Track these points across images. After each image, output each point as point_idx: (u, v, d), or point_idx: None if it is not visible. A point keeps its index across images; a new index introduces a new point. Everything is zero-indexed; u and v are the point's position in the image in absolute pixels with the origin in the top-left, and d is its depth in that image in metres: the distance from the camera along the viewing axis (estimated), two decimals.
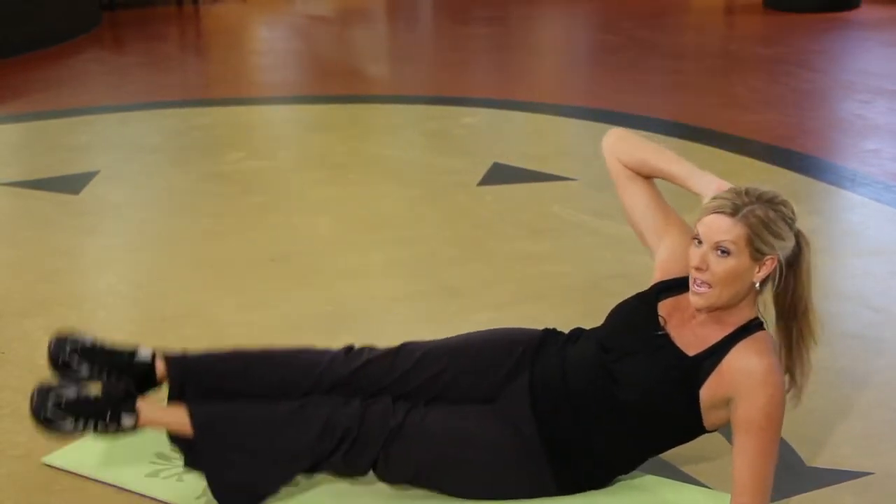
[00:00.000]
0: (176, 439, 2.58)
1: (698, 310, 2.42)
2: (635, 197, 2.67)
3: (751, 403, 2.32)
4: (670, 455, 2.67)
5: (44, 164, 5.40)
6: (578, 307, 3.64)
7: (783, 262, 2.37)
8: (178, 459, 2.72)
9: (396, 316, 3.69)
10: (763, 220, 2.33)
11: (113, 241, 4.50)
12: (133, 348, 2.66)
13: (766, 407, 2.31)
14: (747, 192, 2.36)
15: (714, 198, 2.39)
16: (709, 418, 2.43)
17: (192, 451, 2.55)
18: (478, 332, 2.72)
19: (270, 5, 10.71)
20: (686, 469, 2.72)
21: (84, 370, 2.59)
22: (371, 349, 2.66)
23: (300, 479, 2.65)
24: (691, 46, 8.72)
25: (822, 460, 2.79)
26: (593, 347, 2.54)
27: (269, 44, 9.30)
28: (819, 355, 3.32)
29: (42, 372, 3.26)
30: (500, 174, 5.17)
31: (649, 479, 2.66)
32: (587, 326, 2.66)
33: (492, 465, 2.51)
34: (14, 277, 4.06)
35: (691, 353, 2.42)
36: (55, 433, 2.52)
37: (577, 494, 2.56)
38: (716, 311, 2.41)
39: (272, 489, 2.55)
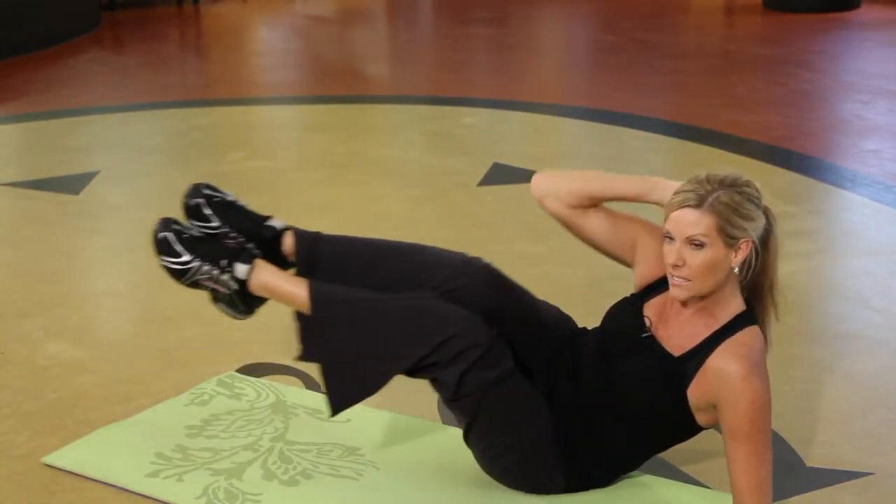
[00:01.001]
0: (297, 318, 2.47)
1: (681, 302, 2.40)
2: (595, 229, 2.58)
3: (733, 411, 2.30)
4: (670, 455, 2.67)
5: (44, 165, 5.41)
6: (578, 307, 3.63)
7: (757, 242, 2.35)
8: (178, 459, 2.73)
9: None
10: (730, 205, 2.29)
11: (113, 241, 4.50)
12: (268, 215, 2.61)
13: (748, 413, 2.28)
14: (708, 180, 2.32)
15: (677, 192, 2.35)
16: (701, 418, 2.42)
17: (307, 331, 2.46)
18: (531, 293, 2.66)
19: (270, 5, 10.71)
20: (686, 469, 2.72)
21: (214, 221, 2.53)
22: (490, 266, 2.60)
23: (301, 480, 2.65)
24: (691, 47, 8.72)
25: (822, 460, 2.79)
26: (593, 349, 2.54)
27: (269, 44, 9.30)
28: (819, 355, 3.33)
29: (42, 373, 3.27)
30: (500, 174, 5.17)
31: (649, 479, 2.66)
32: (587, 326, 2.66)
33: (525, 447, 2.50)
34: (14, 278, 4.06)
35: (677, 353, 2.40)
36: (170, 265, 2.46)
37: (579, 493, 2.56)
38: (701, 302, 2.39)
39: (382, 380, 2.45)
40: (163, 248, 2.48)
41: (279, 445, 2.82)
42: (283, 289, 2.50)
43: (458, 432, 2.86)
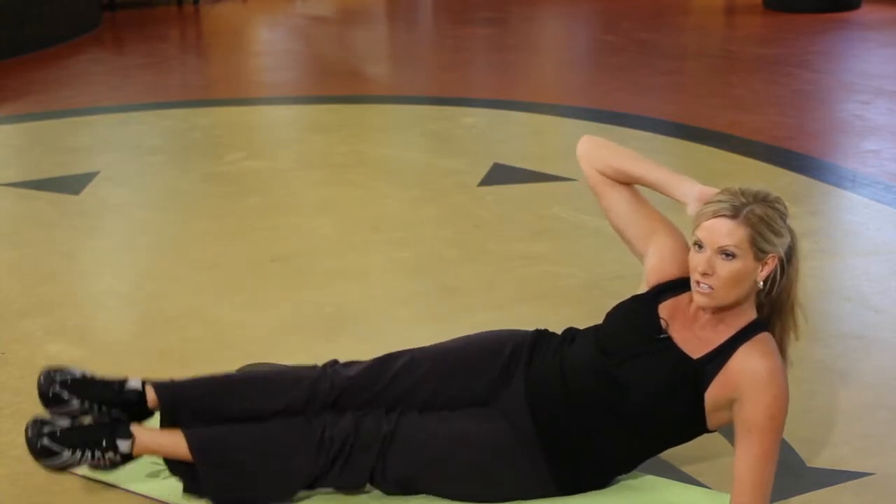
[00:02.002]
0: (174, 465, 2.56)
1: (703, 309, 2.41)
2: (619, 204, 2.62)
3: (755, 404, 2.32)
4: (670, 455, 2.67)
5: (44, 165, 5.41)
6: (578, 307, 3.64)
7: (784, 258, 2.38)
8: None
9: (396, 316, 3.69)
10: (763, 219, 2.33)
11: (113, 241, 4.50)
12: (122, 378, 2.64)
13: (769, 408, 2.32)
14: (743, 193, 2.35)
15: (711, 201, 2.37)
16: (712, 419, 2.43)
17: (191, 476, 2.53)
18: (467, 335, 2.71)
19: (270, 5, 10.71)
20: (686, 469, 2.72)
21: (75, 403, 2.56)
22: (356, 362, 2.66)
23: (300, 493, 2.64)
24: (691, 47, 8.72)
25: (822, 460, 2.79)
26: (591, 350, 2.53)
27: (269, 44, 9.30)
28: (819, 355, 3.33)
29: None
30: (500, 174, 5.17)
31: (649, 479, 2.66)
32: (587, 326, 2.65)
33: (488, 466, 2.51)
34: (14, 278, 4.06)
35: (695, 355, 2.41)
36: (54, 465, 2.50)
37: (577, 495, 2.56)
38: (718, 312, 2.41)
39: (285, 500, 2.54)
40: (43, 453, 2.51)
41: None
42: (166, 448, 2.55)
43: None
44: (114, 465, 2.54)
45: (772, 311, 2.46)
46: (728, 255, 2.33)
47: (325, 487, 2.55)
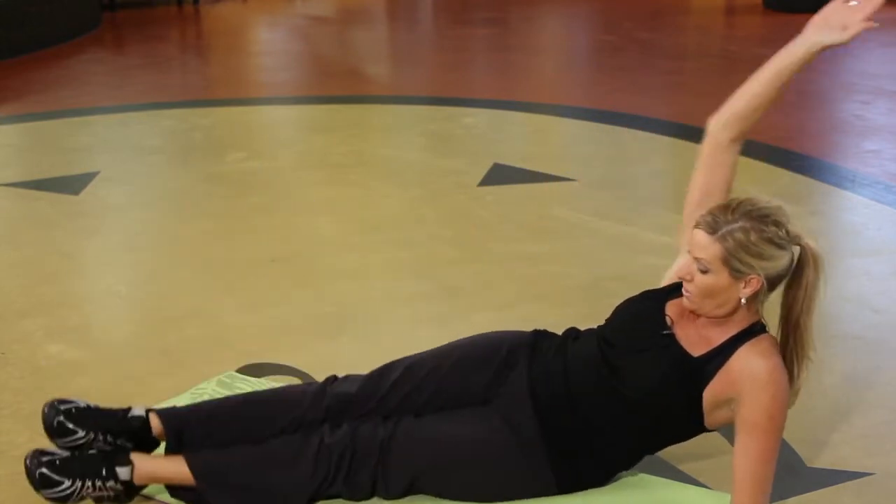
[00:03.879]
0: (177, 492, 2.56)
1: (690, 311, 2.43)
2: (717, 170, 2.65)
3: (754, 404, 2.32)
4: (670, 455, 2.67)
5: (44, 165, 5.41)
6: (578, 307, 3.64)
7: (766, 281, 2.34)
8: None
9: (397, 316, 3.69)
10: (741, 242, 2.30)
11: (113, 241, 4.50)
12: (126, 408, 2.64)
13: (769, 408, 2.32)
14: (735, 209, 2.34)
15: (705, 213, 2.38)
16: (710, 418, 2.43)
17: (196, 500, 2.54)
18: (465, 338, 2.71)
19: (270, 5, 10.72)
20: (685, 469, 2.73)
21: (80, 433, 2.56)
22: (354, 376, 2.66)
23: None
24: (691, 47, 8.73)
25: (822, 460, 2.79)
26: (595, 344, 2.54)
27: (269, 44, 9.30)
28: (819, 356, 3.31)
29: (43, 373, 3.27)
30: (500, 175, 5.17)
31: (648, 479, 2.66)
32: (587, 326, 2.66)
33: (488, 465, 2.51)
34: (14, 278, 4.06)
35: (696, 353, 2.42)
36: (55, 495, 2.49)
37: (577, 494, 2.56)
38: (719, 316, 2.41)
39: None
40: (43, 482, 2.49)
41: None
42: (166, 473, 2.55)
43: None
44: (117, 496, 2.52)
45: (784, 328, 2.44)
46: (702, 269, 2.35)
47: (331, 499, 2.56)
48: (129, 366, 3.32)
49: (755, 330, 2.41)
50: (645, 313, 2.52)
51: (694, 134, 5.82)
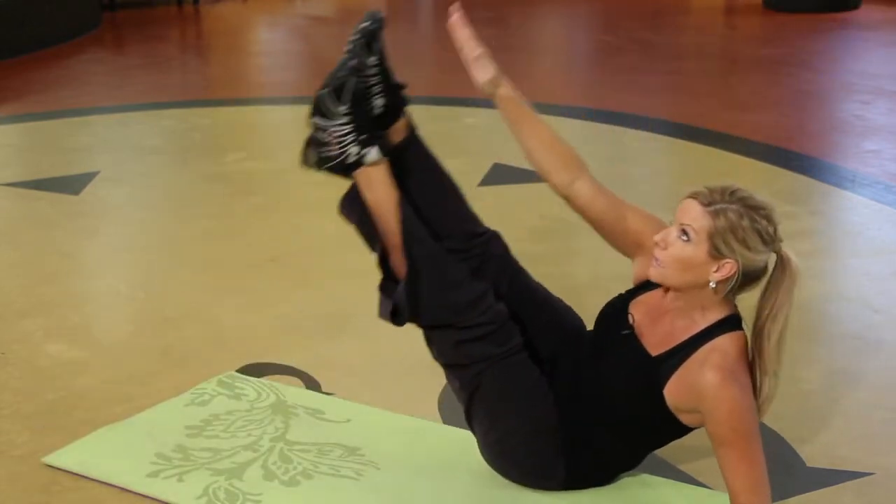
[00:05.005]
0: (352, 203, 2.59)
1: (664, 291, 2.40)
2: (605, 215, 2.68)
3: (713, 420, 2.29)
4: (669, 454, 2.67)
5: (44, 165, 5.41)
6: (579, 308, 3.63)
7: (741, 271, 2.31)
8: (178, 460, 2.73)
9: None
10: (731, 222, 2.28)
11: (113, 241, 4.50)
12: (403, 84, 2.65)
13: (728, 421, 2.27)
14: (731, 192, 2.32)
15: (704, 187, 2.35)
16: (685, 419, 2.40)
17: (358, 222, 2.59)
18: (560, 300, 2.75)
19: (270, 5, 10.71)
20: (685, 468, 2.72)
21: (374, 56, 2.53)
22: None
23: (301, 480, 2.65)
24: (691, 47, 8.72)
25: (822, 460, 2.79)
26: (589, 348, 2.55)
27: (269, 44, 9.30)
28: (819, 355, 3.33)
29: (43, 373, 3.27)
30: (500, 175, 5.17)
31: (648, 478, 2.66)
32: (588, 328, 2.67)
33: (527, 433, 2.51)
34: (14, 278, 4.06)
35: (655, 352, 2.40)
36: (321, 109, 2.48)
37: (577, 492, 2.56)
38: (681, 303, 2.37)
39: (425, 321, 2.53)
40: (336, 86, 2.48)
41: (279, 445, 2.82)
42: (379, 195, 2.54)
43: (459, 432, 2.87)
44: (337, 155, 2.51)
45: (752, 342, 2.37)
46: (685, 235, 2.32)
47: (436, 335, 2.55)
48: (129, 366, 3.32)
49: (719, 327, 2.36)
50: (611, 314, 2.53)
51: (694, 134, 5.83)
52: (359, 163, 2.52)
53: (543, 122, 2.65)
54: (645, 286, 2.51)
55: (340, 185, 2.69)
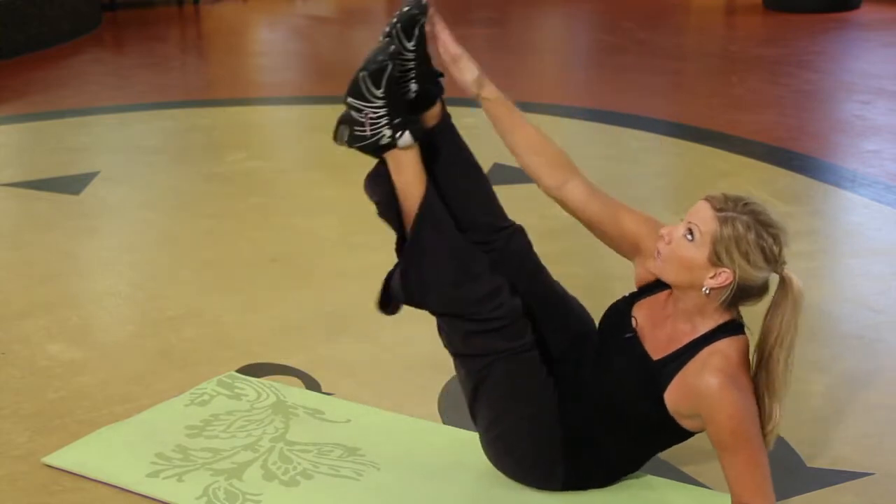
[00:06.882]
0: (378, 180, 2.62)
1: (656, 274, 2.40)
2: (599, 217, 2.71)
3: (714, 425, 2.29)
4: (670, 455, 2.67)
5: (44, 165, 5.41)
6: None
7: (737, 282, 2.29)
8: (178, 460, 2.73)
9: (397, 316, 3.68)
10: (737, 232, 2.27)
11: (113, 241, 4.50)
12: (441, 72, 2.69)
13: (728, 426, 2.27)
14: (745, 204, 2.30)
15: (720, 192, 2.34)
16: (686, 423, 2.40)
17: (382, 204, 2.62)
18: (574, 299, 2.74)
19: (270, 5, 10.72)
20: (686, 469, 2.72)
21: (412, 42, 2.57)
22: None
23: (301, 480, 2.65)
24: (691, 47, 8.73)
25: (822, 460, 2.79)
26: (594, 349, 2.55)
27: (269, 44, 9.30)
28: (819, 356, 3.33)
29: (43, 373, 3.27)
30: (500, 175, 5.15)
31: (649, 479, 2.66)
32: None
33: (531, 430, 2.51)
34: (14, 278, 4.06)
35: (656, 356, 2.39)
36: (358, 90, 2.50)
37: (577, 492, 2.56)
38: (682, 305, 2.37)
39: (433, 307, 2.55)
40: (375, 69, 2.48)
41: (279, 446, 2.82)
42: (408, 178, 2.57)
43: (459, 433, 2.87)
44: (370, 137, 2.54)
45: (758, 363, 2.36)
46: (690, 234, 2.31)
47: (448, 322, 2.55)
48: (129, 366, 3.32)
49: (719, 333, 2.35)
50: (614, 317, 2.52)
51: (694, 134, 5.83)
52: (391, 145, 2.53)
53: (531, 124, 2.64)
54: (648, 289, 2.51)
55: (341, 186, 2.69)
